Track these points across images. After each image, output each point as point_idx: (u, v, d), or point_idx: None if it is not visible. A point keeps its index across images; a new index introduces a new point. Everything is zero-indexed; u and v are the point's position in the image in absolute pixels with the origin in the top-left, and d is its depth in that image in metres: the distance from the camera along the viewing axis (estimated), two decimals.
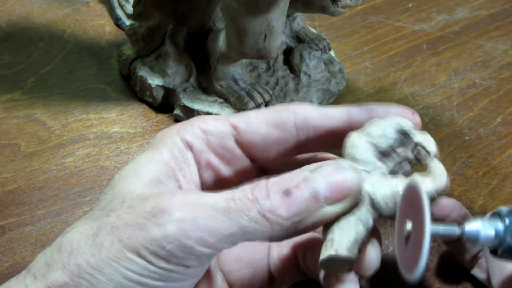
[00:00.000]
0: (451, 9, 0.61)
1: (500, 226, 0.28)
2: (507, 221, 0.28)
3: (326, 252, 0.28)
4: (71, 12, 0.58)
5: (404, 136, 0.30)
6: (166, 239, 0.25)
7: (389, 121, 0.30)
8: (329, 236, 0.28)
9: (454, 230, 0.27)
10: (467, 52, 0.56)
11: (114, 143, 0.46)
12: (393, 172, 0.30)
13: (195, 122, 0.30)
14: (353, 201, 0.28)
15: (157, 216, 0.25)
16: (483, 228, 0.27)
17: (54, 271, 0.25)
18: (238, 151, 0.31)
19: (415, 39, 0.58)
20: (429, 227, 0.24)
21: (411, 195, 0.26)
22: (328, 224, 0.29)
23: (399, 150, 0.30)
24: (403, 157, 0.30)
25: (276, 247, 0.33)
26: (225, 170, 0.31)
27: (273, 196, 0.26)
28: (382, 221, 0.42)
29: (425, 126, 0.49)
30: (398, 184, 0.28)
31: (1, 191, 0.42)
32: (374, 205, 0.29)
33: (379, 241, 0.31)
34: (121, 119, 0.48)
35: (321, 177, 0.27)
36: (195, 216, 0.25)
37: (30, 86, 0.51)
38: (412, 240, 0.25)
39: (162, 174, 0.28)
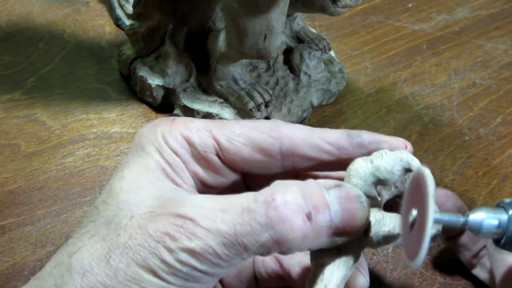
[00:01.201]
0: (451, 9, 0.61)
1: (503, 216, 0.28)
2: (510, 211, 0.28)
3: (316, 286, 0.28)
4: (71, 12, 0.58)
5: (407, 173, 0.30)
6: (181, 263, 0.25)
7: (399, 158, 0.29)
8: (320, 268, 0.28)
9: (458, 218, 0.27)
10: (467, 52, 0.56)
11: (114, 143, 0.46)
12: (386, 203, 0.30)
13: (178, 127, 0.29)
14: (354, 238, 0.28)
15: (167, 242, 0.25)
16: (486, 217, 0.27)
17: None
18: (220, 164, 0.30)
19: (415, 39, 0.58)
20: (432, 213, 0.24)
21: (417, 183, 0.26)
22: (319, 252, 0.29)
23: (400, 185, 0.30)
24: (400, 192, 0.30)
25: None
26: (212, 180, 0.30)
27: (293, 220, 0.25)
28: None
29: (425, 126, 0.49)
30: (396, 227, 0.28)
31: (1, 191, 0.42)
32: (367, 241, 0.29)
33: (365, 264, 0.31)
34: (121, 119, 0.48)
35: (338, 204, 0.27)
36: (205, 245, 0.25)
37: (30, 86, 0.51)
38: (416, 227, 0.25)
39: (163, 180, 0.28)
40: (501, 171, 0.46)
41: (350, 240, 0.28)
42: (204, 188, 0.30)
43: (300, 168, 0.30)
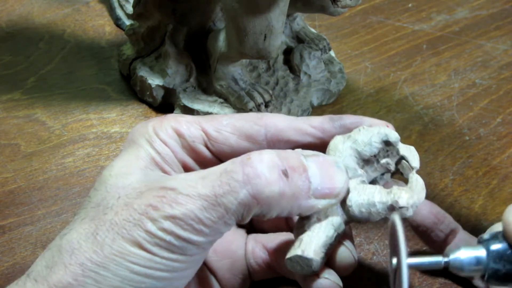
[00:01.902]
0: (451, 9, 0.61)
1: (483, 253, 0.28)
2: (489, 247, 0.28)
3: (293, 251, 0.28)
4: (71, 12, 0.58)
5: (389, 147, 0.30)
6: (164, 232, 0.25)
7: (377, 131, 0.30)
8: (299, 236, 0.29)
9: (439, 261, 0.28)
10: (467, 52, 0.56)
11: (114, 143, 0.46)
12: (372, 181, 0.30)
13: (168, 121, 0.30)
14: (335, 202, 0.28)
15: (150, 212, 0.26)
16: (466, 257, 0.28)
17: (55, 273, 0.25)
18: (209, 155, 0.31)
19: (415, 39, 0.58)
20: (405, 262, 0.25)
21: (391, 231, 0.27)
22: (300, 222, 0.29)
23: (383, 160, 0.30)
24: (385, 168, 0.30)
25: (251, 242, 0.34)
26: (195, 167, 0.31)
27: (269, 174, 0.26)
28: (382, 221, 0.42)
29: (425, 126, 0.49)
30: (375, 195, 0.28)
31: (1, 191, 0.42)
32: (348, 211, 0.29)
33: (351, 240, 0.31)
34: (121, 119, 0.48)
35: (316, 168, 0.27)
36: (186, 210, 0.25)
37: (30, 86, 0.51)
38: (397, 274, 0.26)
39: (152, 169, 0.29)
40: (501, 171, 0.46)
41: (331, 207, 0.28)
42: None
43: None
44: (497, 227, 0.30)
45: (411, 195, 0.29)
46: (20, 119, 0.48)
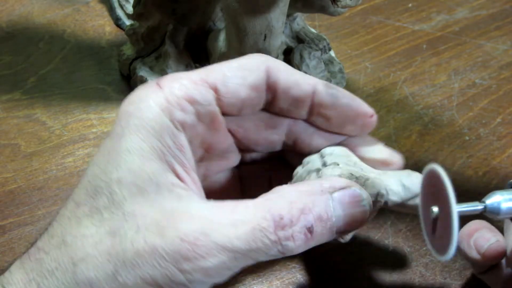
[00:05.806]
0: (451, 9, 0.61)
1: None
2: None
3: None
4: (71, 12, 0.58)
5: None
6: (192, 282, 0.26)
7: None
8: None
9: (477, 206, 0.29)
10: (467, 52, 0.56)
11: None
12: None
13: (171, 91, 0.28)
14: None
15: (181, 264, 0.25)
16: (503, 200, 0.29)
17: None
18: (219, 115, 0.30)
19: (415, 39, 0.58)
20: (455, 207, 0.25)
21: (432, 181, 0.27)
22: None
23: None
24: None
25: None
26: (211, 139, 0.30)
27: (297, 237, 0.27)
28: (382, 221, 0.42)
29: (425, 126, 0.49)
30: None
31: (1, 191, 0.42)
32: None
33: None
34: None
35: (341, 210, 0.28)
36: (219, 262, 0.26)
37: (30, 86, 0.51)
38: (441, 223, 0.27)
39: (162, 177, 0.27)
40: (501, 171, 0.46)
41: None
42: (204, 150, 0.31)
43: (274, 103, 0.31)
44: None
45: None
46: (20, 119, 0.48)
